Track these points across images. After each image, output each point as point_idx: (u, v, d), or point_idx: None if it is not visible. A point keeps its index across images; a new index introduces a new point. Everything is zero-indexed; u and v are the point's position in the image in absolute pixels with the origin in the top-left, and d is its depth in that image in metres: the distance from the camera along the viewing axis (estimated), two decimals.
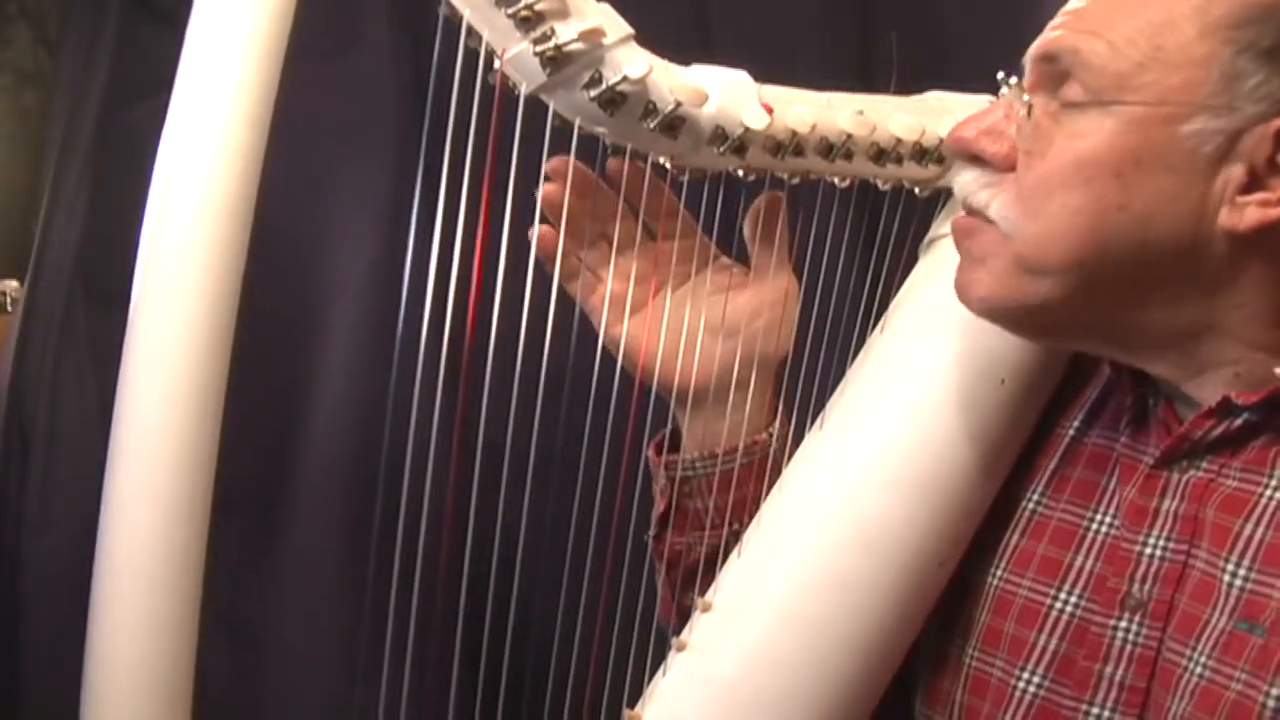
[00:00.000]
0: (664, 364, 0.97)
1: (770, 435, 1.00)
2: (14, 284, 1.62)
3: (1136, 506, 0.85)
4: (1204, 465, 0.83)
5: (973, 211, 0.85)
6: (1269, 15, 0.77)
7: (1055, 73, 0.81)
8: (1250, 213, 0.77)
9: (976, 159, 0.84)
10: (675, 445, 1.02)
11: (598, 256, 0.96)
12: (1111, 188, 0.78)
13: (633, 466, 0.99)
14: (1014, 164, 0.82)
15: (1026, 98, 0.82)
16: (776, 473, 0.97)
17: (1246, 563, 0.78)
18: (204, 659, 0.76)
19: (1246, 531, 0.79)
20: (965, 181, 0.85)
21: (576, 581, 0.94)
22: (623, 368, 0.96)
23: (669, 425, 1.02)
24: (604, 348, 0.96)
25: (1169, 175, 0.78)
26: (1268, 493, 0.80)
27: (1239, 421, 0.82)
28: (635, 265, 0.97)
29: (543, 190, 0.91)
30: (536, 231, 0.92)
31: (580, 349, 0.93)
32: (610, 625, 0.95)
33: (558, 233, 0.92)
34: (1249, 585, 0.78)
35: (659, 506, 1.01)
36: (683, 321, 0.97)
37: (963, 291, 0.86)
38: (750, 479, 0.97)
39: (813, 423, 0.98)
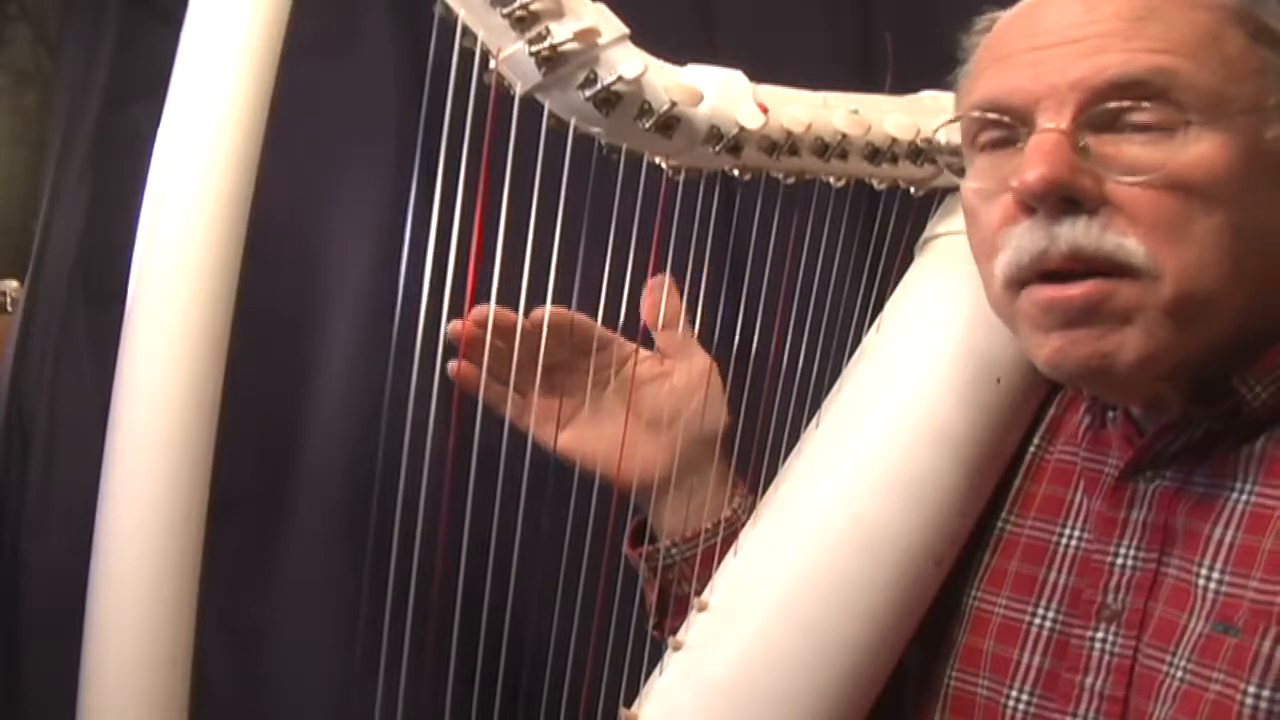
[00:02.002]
0: (614, 467, 0.98)
1: (736, 509, 1.01)
2: (14, 284, 1.62)
3: (1105, 518, 0.85)
4: (1169, 474, 0.83)
5: (1089, 262, 0.76)
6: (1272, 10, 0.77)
7: (1128, 96, 0.76)
8: None
9: (1068, 200, 0.76)
10: (647, 537, 1.03)
11: (522, 380, 0.96)
12: (1240, 202, 0.75)
13: None
14: (1103, 199, 0.76)
15: (1089, 128, 0.76)
16: None
17: (1220, 566, 0.79)
18: (202, 660, 0.76)
19: (1217, 535, 0.79)
20: (1076, 231, 0.76)
21: (573, 581, 0.94)
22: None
23: (637, 519, 1.03)
24: None
25: (1265, 183, 0.76)
26: (1233, 496, 0.80)
27: (1200, 432, 0.82)
28: (563, 382, 0.98)
29: (453, 328, 0.89)
30: (453, 366, 0.90)
31: None
32: (607, 624, 0.95)
33: (478, 370, 0.91)
34: (1223, 588, 0.78)
35: (650, 598, 1.02)
36: (622, 423, 0.98)
37: (1103, 360, 0.77)
38: (717, 551, 0.97)
39: (809, 422, 0.98)
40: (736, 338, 1.01)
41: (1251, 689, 0.74)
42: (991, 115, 0.81)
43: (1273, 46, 0.78)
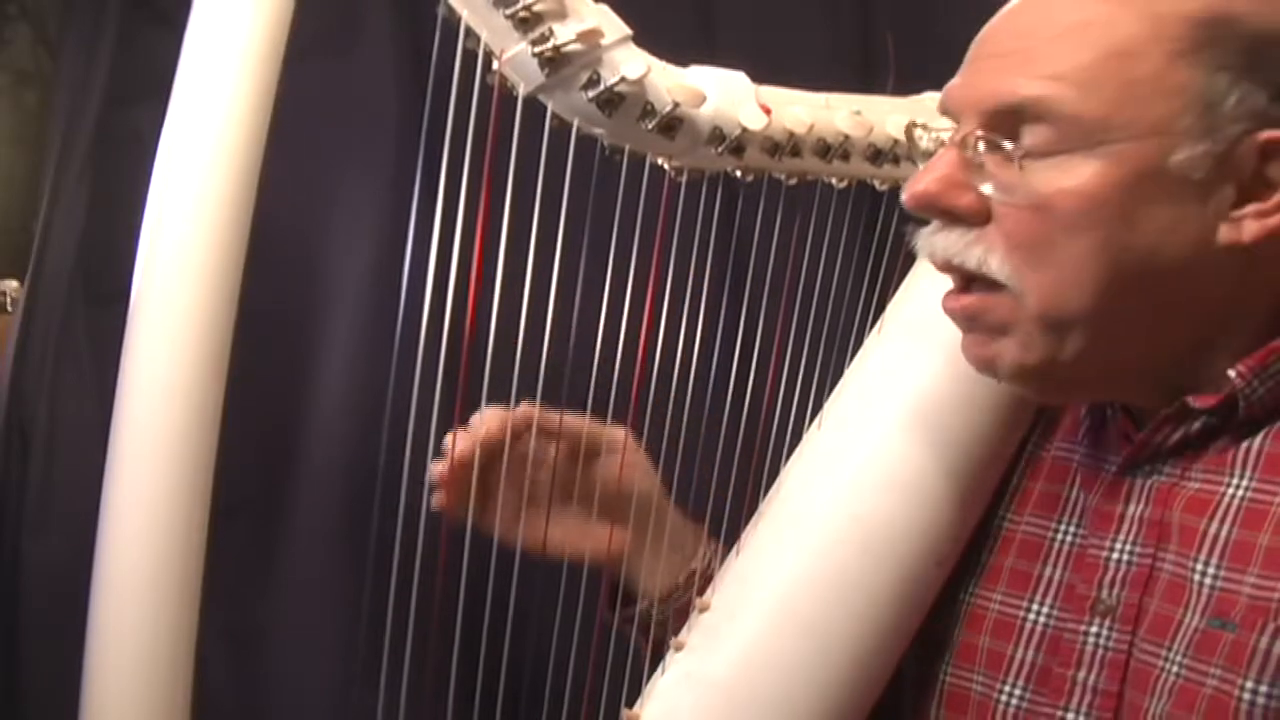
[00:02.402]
0: (583, 548, 0.97)
1: (706, 556, 1.00)
2: (14, 284, 1.62)
3: (1101, 513, 0.86)
4: (1166, 470, 0.84)
5: (967, 276, 0.82)
6: (1229, 29, 0.76)
7: (1013, 121, 0.78)
8: (1249, 225, 0.77)
9: (946, 215, 0.81)
10: (623, 599, 1.01)
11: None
12: (1116, 227, 0.77)
13: None
14: (986, 216, 0.80)
15: (983, 147, 0.79)
16: None
17: (1215, 561, 0.79)
18: (204, 664, 0.76)
19: (1212, 530, 0.80)
20: (948, 242, 0.81)
21: (575, 581, 0.94)
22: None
23: (608, 584, 1.02)
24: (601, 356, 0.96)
25: (1167, 206, 0.77)
26: (1229, 491, 0.80)
27: (1197, 425, 0.82)
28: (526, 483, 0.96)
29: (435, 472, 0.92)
30: (436, 501, 0.92)
31: (579, 348, 0.93)
32: (609, 624, 0.95)
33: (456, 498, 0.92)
34: (1219, 583, 0.78)
35: (646, 654, 0.99)
36: (570, 513, 0.97)
37: (988, 364, 0.83)
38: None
39: (811, 423, 0.98)
40: (739, 338, 1.01)
41: (1249, 684, 0.75)
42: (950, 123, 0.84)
43: (1206, 65, 0.77)
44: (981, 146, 0.79)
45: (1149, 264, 0.78)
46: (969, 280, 0.82)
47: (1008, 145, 0.78)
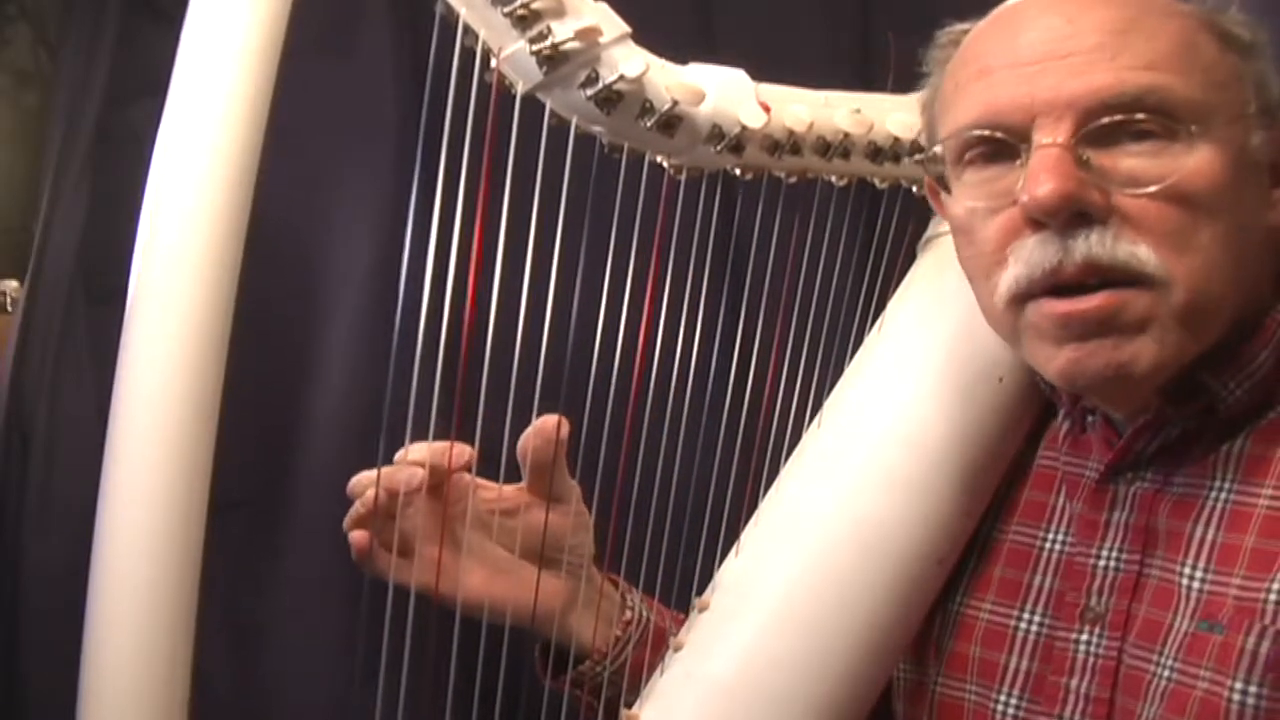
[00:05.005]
0: (519, 604, 0.93)
1: (634, 608, 0.97)
2: (14, 284, 1.63)
3: (1087, 521, 0.86)
4: (1149, 476, 0.84)
5: (1104, 273, 0.76)
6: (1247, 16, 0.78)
7: (1123, 111, 0.76)
8: None
9: (1078, 214, 0.76)
10: (559, 664, 0.97)
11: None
12: (1237, 209, 0.77)
13: (630, 463, 0.99)
14: (1111, 211, 0.76)
15: (1092, 142, 0.76)
16: (660, 639, 0.95)
17: (1202, 565, 0.79)
18: (202, 660, 0.76)
19: (1198, 534, 0.80)
20: (1088, 243, 0.76)
21: None
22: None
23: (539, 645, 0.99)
24: (600, 352, 0.96)
25: (1256, 187, 0.79)
26: (1213, 495, 0.81)
27: (1176, 432, 0.82)
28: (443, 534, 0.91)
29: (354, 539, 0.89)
30: (353, 540, 0.90)
31: (578, 346, 0.93)
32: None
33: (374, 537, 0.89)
34: (1206, 586, 0.79)
35: (599, 711, 0.96)
36: (499, 560, 0.93)
37: (1120, 370, 0.77)
38: (646, 650, 0.94)
39: (810, 421, 0.98)
40: (738, 336, 1.01)
41: (1239, 685, 0.75)
42: (985, 132, 0.80)
43: (1240, 53, 0.79)
44: (1091, 142, 0.76)
45: (1253, 246, 0.78)
46: (1072, 286, 0.77)
47: (1134, 130, 0.76)
